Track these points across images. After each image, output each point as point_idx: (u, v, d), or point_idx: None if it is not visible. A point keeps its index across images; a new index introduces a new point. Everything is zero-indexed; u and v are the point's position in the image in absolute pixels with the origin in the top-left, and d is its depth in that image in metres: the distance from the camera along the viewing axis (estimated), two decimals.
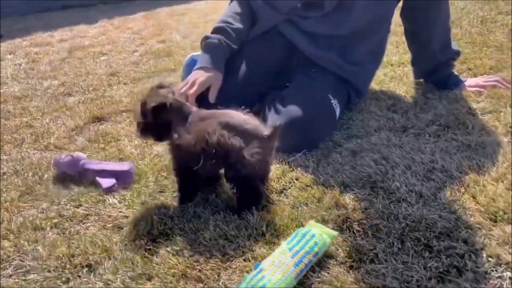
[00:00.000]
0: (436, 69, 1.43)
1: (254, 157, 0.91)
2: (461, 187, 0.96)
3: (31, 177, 1.19)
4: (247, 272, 0.79)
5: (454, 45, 1.46)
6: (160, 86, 1.01)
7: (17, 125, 1.55)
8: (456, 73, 1.46)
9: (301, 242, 0.79)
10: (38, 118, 1.60)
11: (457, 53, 1.44)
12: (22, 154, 1.33)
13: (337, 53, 1.30)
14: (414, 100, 1.40)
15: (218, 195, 1.02)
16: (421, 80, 1.52)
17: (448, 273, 0.75)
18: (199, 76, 1.25)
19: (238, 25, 1.34)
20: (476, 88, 1.37)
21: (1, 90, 1.99)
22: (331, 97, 1.24)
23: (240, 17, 1.36)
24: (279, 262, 0.76)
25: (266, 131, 0.93)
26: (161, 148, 1.26)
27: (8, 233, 0.97)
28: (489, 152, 1.07)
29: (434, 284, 0.72)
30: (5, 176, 1.22)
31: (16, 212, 1.05)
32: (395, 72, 1.66)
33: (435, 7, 1.34)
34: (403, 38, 1.52)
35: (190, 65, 1.89)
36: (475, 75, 1.53)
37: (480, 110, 1.28)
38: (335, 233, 0.84)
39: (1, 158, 1.32)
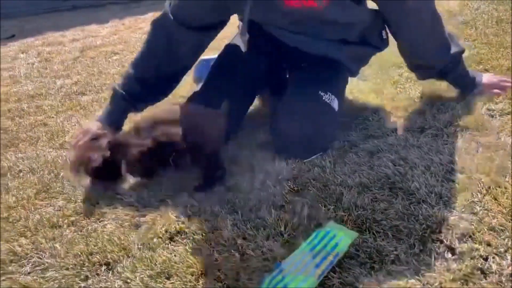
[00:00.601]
0: (441, 75, 1.37)
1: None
2: (482, 188, 0.94)
3: (47, 175, 1.19)
4: (266, 271, 0.78)
5: (458, 45, 1.34)
6: (95, 138, 1.09)
7: (31, 124, 1.56)
8: (470, 71, 1.38)
9: (322, 242, 0.78)
10: (53, 117, 1.61)
11: (458, 54, 1.33)
12: (38, 152, 1.33)
13: (317, 40, 1.26)
14: (431, 100, 1.39)
15: (236, 195, 1.01)
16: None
17: (472, 276, 0.74)
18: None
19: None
20: (496, 90, 1.34)
21: (15, 89, 2.00)
22: (321, 93, 1.19)
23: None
24: (300, 262, 0.75)
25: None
26: None
27: (26, 230, 0.97)
28: (510, 153, 1.05)
29: (458, 286, 0.71)
30: (21, 173, 1.22)
31: (32, 209, 1.05)
32: (410, 72, 1.64)
33: (402, 18, 1.23)
34: None
35: (201, 67, 1.89)
36: None
37: (499, 111, 1.26)
38: (355, 234, 0.83)
39: (17, 156, 1.32)
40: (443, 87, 1.42)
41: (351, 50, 1.31)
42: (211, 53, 1.49)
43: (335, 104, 1.21)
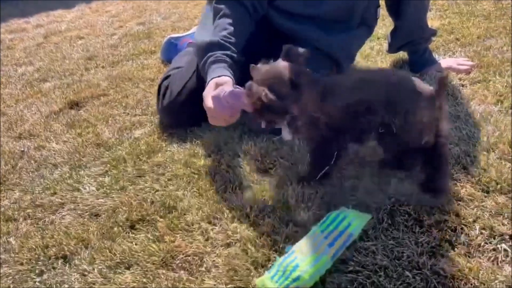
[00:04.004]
0: (413, 42, 1.37)
1: None
2: (451, 158, 0.92)
3: (4, 166, 1.13)
4: (232, 255, 0.75)
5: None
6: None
7: None
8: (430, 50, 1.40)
9: (333, 223, 0.75)
10: (12, 106, 1.53)
11: (434, 33, 1.39)
12: None
13: (317, 28, 1.24)
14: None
15: (201, 177, 0.97)
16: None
17: (440, 248, 0.72)
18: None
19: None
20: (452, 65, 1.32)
21: None
22: None
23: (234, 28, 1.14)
24: (312, 243, 0.72)
25: None
26: (140, 132, 1.21)
27: None
28: (479, 122, 1.03)
29: (425, 259, 0.69)
30: None
31: None
32: (381, 45, 1.61)
33: None
34: None
35: (168, 47, 1.82)
36: (463, 45, 1.49)
37: (469, 80, 1.24)
38: (368, 215, 0.79)
39: None
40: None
41: (349, 41, 1.28)
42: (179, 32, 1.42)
43: None
